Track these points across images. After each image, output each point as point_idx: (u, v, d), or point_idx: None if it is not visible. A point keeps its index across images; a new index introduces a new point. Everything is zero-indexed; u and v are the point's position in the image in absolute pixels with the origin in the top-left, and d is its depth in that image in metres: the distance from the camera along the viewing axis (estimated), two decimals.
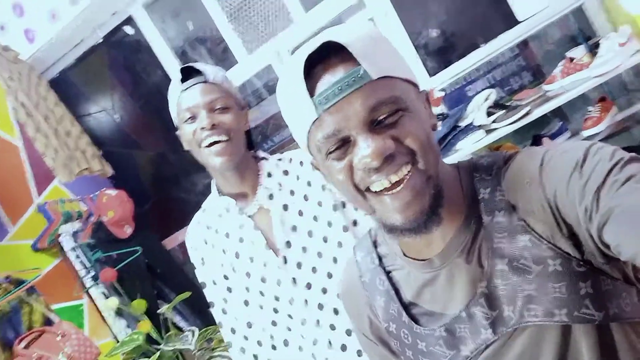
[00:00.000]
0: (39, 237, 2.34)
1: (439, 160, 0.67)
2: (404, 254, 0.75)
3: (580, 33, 2.17)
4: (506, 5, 2.02)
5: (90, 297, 2.36)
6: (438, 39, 2.39)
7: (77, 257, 2.31)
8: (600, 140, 1.88)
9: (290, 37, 2.39)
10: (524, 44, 2.28)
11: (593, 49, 1.89)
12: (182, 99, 1.16)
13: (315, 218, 1.20)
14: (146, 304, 2.34)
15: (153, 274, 2.59)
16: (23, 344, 1.90)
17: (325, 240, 1.18)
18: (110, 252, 2.41)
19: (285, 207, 1.20)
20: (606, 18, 2.00)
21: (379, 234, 0.83)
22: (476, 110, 1.95)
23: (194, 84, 1.16)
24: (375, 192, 0.64)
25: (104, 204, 2.43)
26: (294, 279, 1.17)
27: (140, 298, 2.36)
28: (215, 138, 1.13)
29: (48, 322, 2.07)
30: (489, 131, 1.94)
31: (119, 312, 2.36)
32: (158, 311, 2.30)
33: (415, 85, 0.69)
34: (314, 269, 1.17)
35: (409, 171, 0.63)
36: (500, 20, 2.18)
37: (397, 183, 0.63)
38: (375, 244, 0.83)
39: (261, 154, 1.28)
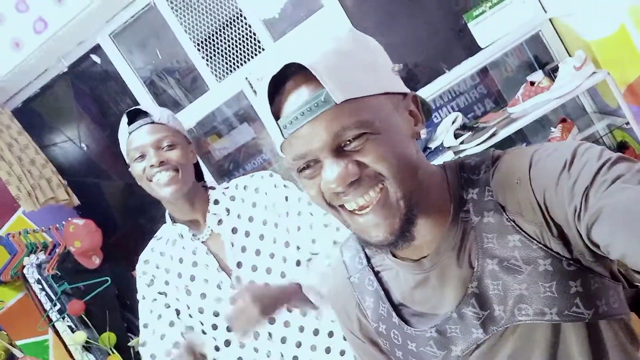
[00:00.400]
0: (1, 270, 2.26)
1: (415, 174, 0.65)
2: (393, 255, 0.75)
3: (536, 59, 2.30)
4: (468, 34, 2.12)
5: (56, 331, 2.26)
6: (402, 71, 2.47)
7: (42, 289, 2.21)
8: None
9: (259, 65, 2.43)
10: (484, 73, 2.38)
11: (551, 73, 2.00)
12: (131, 140, 1.24)
13: (261, 237, 1.30)
14: (116, 337, 2.25)
15: (123, 306, 2.50)
16: None
17: (272, 256, 1.28)
18: (77, 284, 2.32)
19: (234, 230, 1.30)
20: (562, 44, 2.12)
21: None
22: (445, 133, 2.01)
23: (141, 125, 1.25)
24: (349, 210, 0.65)
25: (70, 234, 2.34)
26: None
27: (109, 331, 2.28)
28: (164, 173, 1.22)
29: (11, 358, 1.97)
30: (457, 152, 2.00)
31: (87, 347, 2.25)
32: (128, 344, 2.20)
33: (393, 93, 0.66)
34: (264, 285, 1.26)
35: (378, 193, 0.63)
36: (462, 48, 2.28)
37: (365, 206, 0.63)
38: (363, 245, 0.81)
39: (209, 184, 1.39)
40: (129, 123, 1.26)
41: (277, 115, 0.63)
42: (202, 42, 2.48)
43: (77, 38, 2.55)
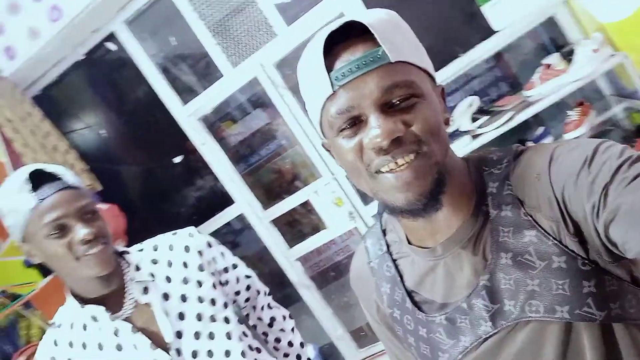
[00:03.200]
0: None
1: (447, 151, 0.67)
2: (409, 242, 0.76)
3: (552, 42, 2.29)
4: (481, 17, 2.11)
5: None
6: None
7: None
8: None
9: (273, 50, 2.43)
10: (498, 56, 2.37)
11: (567, 56, 1.99)
12: (41, 210, 1.00)
13: (200, 299, 1.16)
14: None
15: None
16: (22, 357, 1.87)
17: (213, 319, 1.15)
18: None
19: (166, 297, 1.13)
20: (578, 27, 2.11)
21: (388, 221, 0.84)
22: (461, 117, 2.02)
23: (55, 191, 1.02)
24: (382, 172, 0.65)
25: None
26: None
27: None
28: (98, 247, 1.03)
29: None
30: (475, 136, 2.01)
31: None
32: None
33: (432, 77, 0.69)
34: (209, 353, 1.14)
35: (415, 156, 0.64)
36: (477, 32, 2.27)
37: (402, 165, 0.63)
38: (384, 232, 0.83)
39: (119, 248, 1.19)
40: (34, 189, 1.01)
41: (328, 70, 0.64)
42: (215, 28, 2.49)
43: (92, 26, 2.56)
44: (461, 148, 2.00)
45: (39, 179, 1.02)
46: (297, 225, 2.88)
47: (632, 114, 2.13)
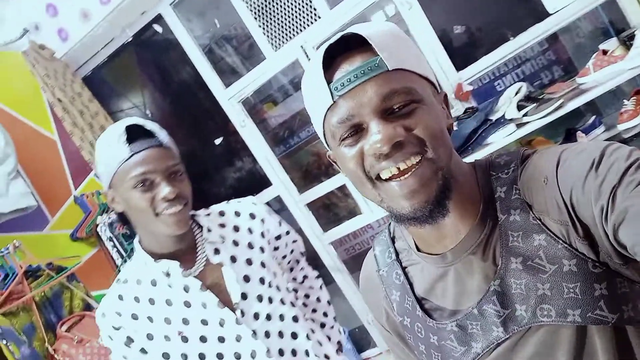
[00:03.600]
0: (77, 227, 2.43)
1: (451, 156, 0.67)
2: (418, 249, 0.76)
3: (611, 25, 2.14)
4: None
5: None
6: (464, 33, 2.38)
7: (114, 246, 2.38)
8: (636, 134, 1.86)
9: (315, 33, 2.41)
10: (553, 38, 2.25)
11: (627, 41, 1.86)
12: (133, 163, 1.06)
13: (262, 264, 1.21)
14: None
15: None
16: (65, 327, 1.97)
17: (270, 285, 1.21)
18: None
19: (233, 259, 1.18)
20: None
21: (396, 229, 0.84)
22: (507, 104, 1.94)
23: (147, 147, 1.07)
24: (384, 179, 0.65)
25: None
26: (254, 331, 1.15)
27: None
28: (178, 207, 1.08)
29: (88, 307, 2.14)
30: (519, 125, 1.93)
31: None
32: None
33: (433, 84, 0.70)
34: (268, 316, 1.18)
35: (418, 161, 0.63)
36: (530, 14, 2.16)
37: (405, 171, 0.63)
38: (393, 239, 0.83)
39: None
40: (129, 141, 1.07)
41: (328, 81, 0.65)
42: (258, 10, 2.49)
43: (140, 8, 2.62)
44: (506, 136, 1.92)
45: (135, 133, 1.08)
46: (333, 209, 2.89)
47: None
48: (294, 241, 1.40)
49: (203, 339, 1.14)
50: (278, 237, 1.32)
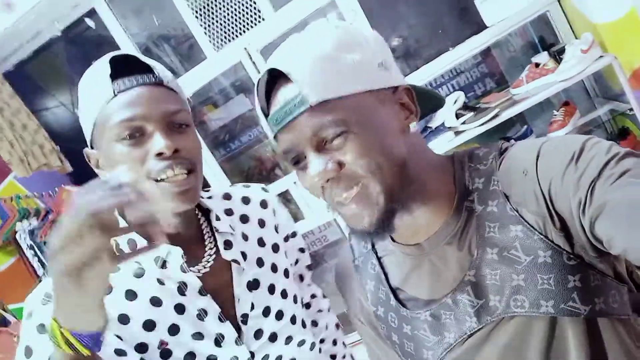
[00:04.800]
0: None
1: (402, 169, 0.66)
2: (393, 240, 0.76)
3: (541, 40, 2.26)
4: (473, 11, 2.07)
5: None
6: (403, 44, 2.43)
7: (35, 255, 2.22)
8: None
9: (259, 35, 2.37)
10: (486, 52, 2.35)
11: (557, 55, 1.97)
12: (115, 105, 0.76)
13: (273, 268, 0.95)
14: None
15: None
16: None
17: (284, 295, 0.95)
18: None
19: (244, 257, 0.92)
20: (569, 25, 2.08)
21: None
22: (446, 112, 1.99)
23: (138, 84, 0.78)
24: (335, 201, 0.68)
25: (64, 201, 2.34)
26: (252, 353, 0.88)
27: None
28: (178, 170, 0.78)
29: (4, 322, 1.98)
30: (457, 133, 1.98)
31: None
32: None
33: (378, 91, 0.66)
34: (272, 336, 0.91)
35: (357, 189, 0.65)
36: (468, 26, 2.24)
37: (347, 198, 0.66)
38: None
39: None
40: (114, 76, 0.77)
41: (267, 113, 0.69)
42: (200, 9, 2.42)
43: (72, 1, 2.47)
44: (445, 144, 1.97)
45: (125, 68, 0.78)
46: None
47: (616, 116, 2.12)
48: (300, 249, 1.08)
49: (190, 357, 0.83)
50: (286, 239, 1.03)
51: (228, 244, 0.90)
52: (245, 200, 0.99)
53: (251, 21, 2.41)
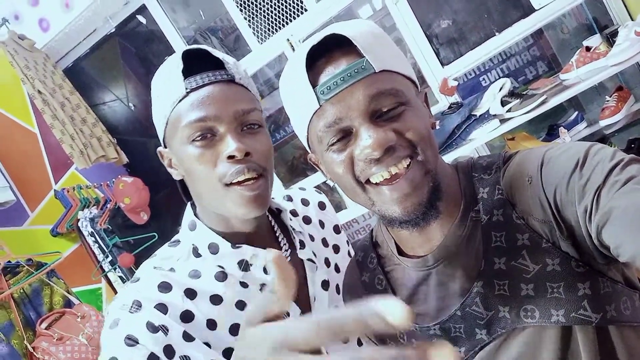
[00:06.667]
0: (57, 222, 2.39)
1: (437, 157, 0.67)
2: (400, 254, 0.75)
3: (595, 22, 2.15)
4: None
5: (108, 280, 2.41)
6: (450, 28, 2.38)
7: (95, 242, 2.35)
8: (617, 130, 1.88)
9: (302, 26, 2.39)
10: (538, 34, 2.26)
11: (610, 38, 1.87)
12: (187, 104, 0.74)
13: (337, 268, 0.93)
14: None
15: None
16: (44, 324, 1.93)
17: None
18: (127, 238, 2.46)
19: (315, 256, 0.91)
20: (624, 6, 1.97)
21: (379, 234, 0.82)
22: (491, 100, 1.94)
23: (210, 82, 0.75)
24: (375, 183, 0.64)
25: (120, 191, 2.46)
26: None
27: None
28: (249, 174, 0.75)
29: (68, 304, 2.10)
30: (503, 121, 1.93)
31: None
32: None
33: (415, 84, 0.69)
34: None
35: (408, 164, 0.63)
36: (515, 9, 2.16)
37: (396, 175, 0.62)
38: (375, 245, 0.82)
39: None
40: (186, 73, 0.75)
41: (313, 84, 0.63)
42: (244, 2, 2.46)
43: None
44: (489, 132, 1.93)
45: (198, 64, 0.76)
46: None
47: None
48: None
49: None
50: (347, 242, 1.03)
51: (302, 243, 0.90)
52: (305, 202, 1.00)
53: (293, 12, 2.43)
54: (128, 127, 2.99)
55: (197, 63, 0.76)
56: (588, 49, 1.84)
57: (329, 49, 0.63)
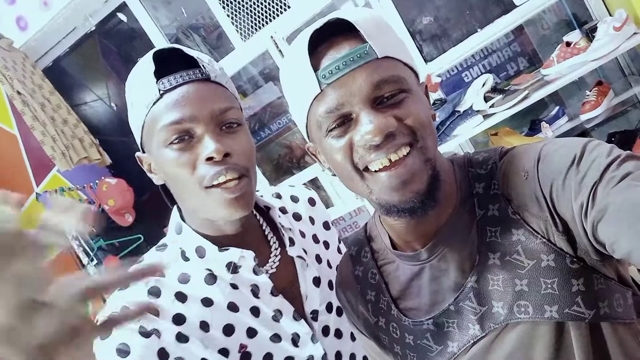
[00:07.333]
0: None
1: (437, 147, 0.67)
2: (394, 248, 0.75)
3: (574, 17, 2.19)
4: None
5: None
6: (433, 24, 2.39)
7: (79, 245, 2.32)
8: (597, 124, 1.92)
9: (285, 23, 2.38)
10: (519, 30, 2.28)
11: (589, 33, 1.91)
12: (162, 106, 0.72)
13: (329, 264, 0.94)
14: None
15: None
16: None
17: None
18: (112, 240, 2.43)
19: (305, 253, 0.91)
20: (602, 2, 2.01)
21: (373, 228, 0.82)
22: (474, 96, 1.96)
23: (185, 82, 0.73)
24: (374, 171, 0.63)
25: (104, 192, 2.43)
26: (325, 353, 0.85)
27: None
28: (229, 175, 0.73)
29: None
30: (486, 116, 1.96)
31: None
32: None
33: (416, 74, 0.69)
34: (338, 333, 0.90)
35: (408, 152, 0.62)
36: (497, 5, 2.18)
37: (396, 162, 0.62)
38: (369, 239, 0.82)
39: None
40: (159, 74, 0.73)
41: (314, 69, 0.62)
42: None
43: None
44: (473, 128, 1.95)
45: (171, 64, 0.74)
46: None
47: None
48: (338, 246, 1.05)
49: (268, 358, 0.80)
50: (338, 240, 1.04)
51: (291, 241, 0.89)
52: (294, 199, 1.00)
53: (276, 9, 2.42)
54: (110, 127, 2.95)
55: (170, 63, 0.74)
56: (568, 44, 1.87)
57: (331, 33, 0.63)
